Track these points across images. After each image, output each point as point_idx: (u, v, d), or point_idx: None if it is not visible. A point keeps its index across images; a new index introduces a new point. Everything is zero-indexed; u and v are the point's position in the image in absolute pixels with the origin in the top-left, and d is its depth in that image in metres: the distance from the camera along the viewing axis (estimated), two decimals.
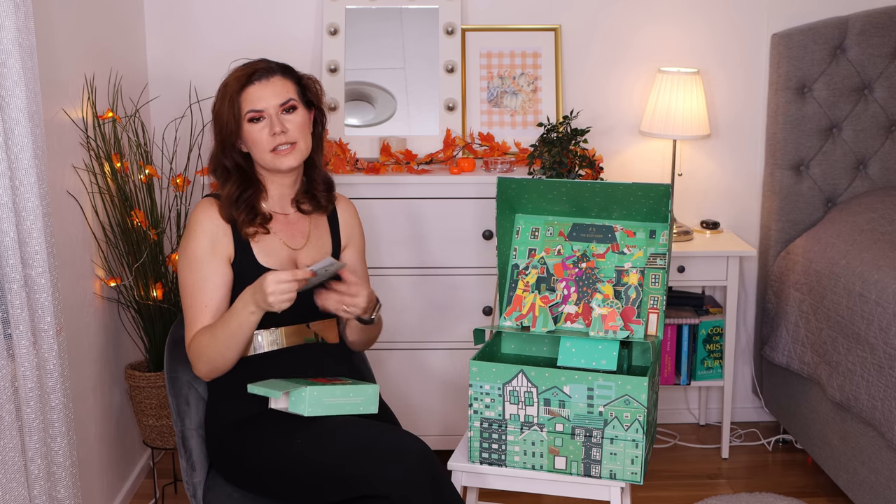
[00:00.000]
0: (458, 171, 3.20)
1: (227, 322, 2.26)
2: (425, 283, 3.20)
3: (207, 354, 2.29)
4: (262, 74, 2.33)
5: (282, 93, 2.34)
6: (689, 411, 3.83)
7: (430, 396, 3.27)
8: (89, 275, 2.88)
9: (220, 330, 2.27)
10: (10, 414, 2.07)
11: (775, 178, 3.55)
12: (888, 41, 3.48)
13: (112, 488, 3.04)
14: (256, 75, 2.33)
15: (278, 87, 2.34)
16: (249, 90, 2.32)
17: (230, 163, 2.37)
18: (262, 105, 2.32)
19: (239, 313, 2.25)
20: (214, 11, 3.47)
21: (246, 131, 2.33)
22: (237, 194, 2.35)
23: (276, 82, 2.34)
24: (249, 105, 2.32)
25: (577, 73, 3.55)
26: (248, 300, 2.23)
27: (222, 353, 2.28)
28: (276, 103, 2.33)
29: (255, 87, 2.32)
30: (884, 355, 2.76)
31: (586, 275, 2.49)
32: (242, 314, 2.24)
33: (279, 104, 2.33)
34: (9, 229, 2.06)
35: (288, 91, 2.35)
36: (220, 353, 2.28)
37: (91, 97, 2.88)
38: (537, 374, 2.32)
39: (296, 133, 2.34)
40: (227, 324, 2.26)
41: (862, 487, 2.93)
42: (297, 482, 2.19)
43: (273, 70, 2.35)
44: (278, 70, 2.36)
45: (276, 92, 2.33)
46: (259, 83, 2.32)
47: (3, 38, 2.03)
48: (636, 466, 2.31)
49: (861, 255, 3.04)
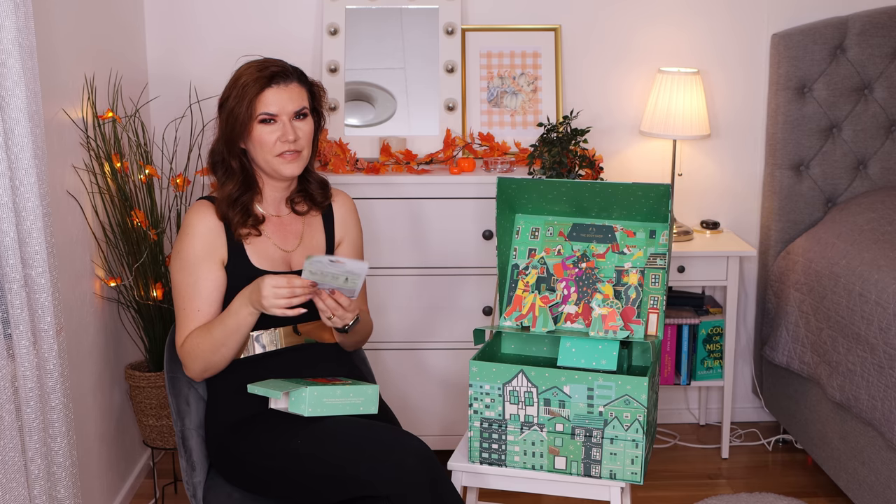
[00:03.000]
0: (458, 171, 3.20)
1: (225, 321, 2.27)
2: (425, 283, 3.20)
3: (202, 353, 2.28)
4: (282, 78, 2.33)
5: (297, 100, 2.34)
6: (689, 411, 3.83)
7: (429, 396, 3.27)
8: (89, 275, 2.88)
9: (217, 328, 2.27)
10: (10, 414, 2.07)
11: (775, 178, 3.55)
12: (888, 41, 3.48)
13: (112, 488, 3.04)
14: (277, 78, 2.32)
15: (295, 93, 2.34)
16: (267, 92, 2.31)
17: (236, 163, 2.37)
18: (277, 109, 2.32)
19: (237, 312, 2.25)
20: (214, 11, 3.47)
21: (254, 131, 2.33)
22: (237, 195, 2.35)
23: (294, 89, 2.34)
24: (265, 107, 2.31)
25: (577, 73, 3.55)
26: (246, 300, 2.24)
27: (219, 352, 2.28)
28: (291, 110, 2.33)
29: (274, 91, 2.32)
30: (884, 355, 2.76)
31: (586, 275, 2.49)
32: (241, 313, 2.25)
33: (294, 111, 2.33)
34: (9, 229, 2.06)
35: (303, 99, 2.36)
36: (217, 352, 2.28)
37: (91, 97, 2.88)
38: (537, 374, 2.32)
39: (304, 142, 2.35)
40: (224, 322, 2.27)
41: (862, 487, 2.93)
42: (297, 482, 2.19)
43: (291, 75, 2.35)
44: (296, 76, 2.36)
45: (292, 98, 2.33)
46: (278, 87, 2.32)
47: (3, 38, 2.03)
48: (636, 466, 2.31)
49: (861, 255, 3.04)
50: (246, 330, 2.27)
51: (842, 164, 3.54)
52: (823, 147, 3.53)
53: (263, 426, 2.26)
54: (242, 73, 2.34)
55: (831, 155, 3.53)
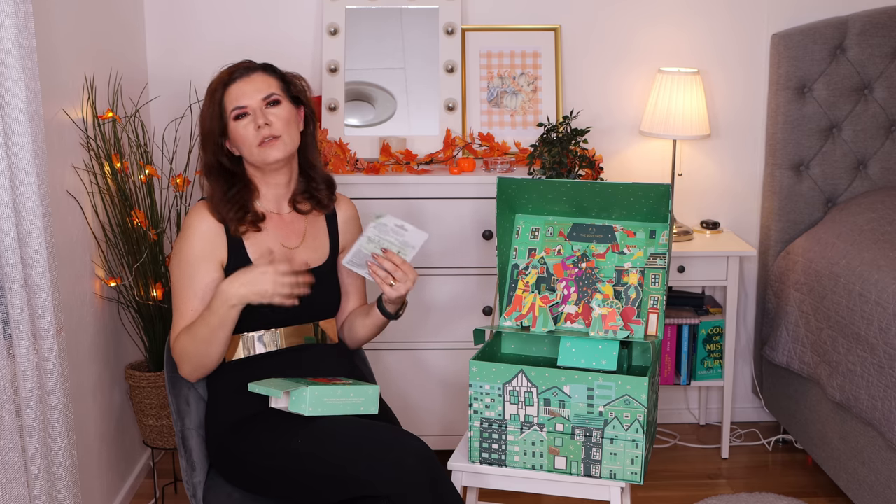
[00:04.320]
0: (458, 171, 3.20)
1: (207, 320, 2.25)
2: (425, 283, 3.20)
3: (189, 355, 2.28)
4: (242, 73, 2.36)
5: (263, 88, 2.35)
6: (689, 411, 3.83)
7: (430, 396, 3.27)
8: (89, 275, 2.88)
9: (200, 329, 2.26)
10: (10, 414, 2.07)
11: (775, 178, 3.55)
12: (888, 41, 3.48)
13: (112, 488, 3.04)
14: (237, 73, 2.36)
15: (259, 82, 2.36)
16: (231, 89, 2.34)
17: (213, 160, 2.37)
18: (245, 101, 2.33)
19: (217, 310, 2.23)
20: (215, 11, 3.47)
21: (233, 130, 2.34)
22: (223, 192, 2.35)
23: (257, 78, 2.36)
24: (233, 103, 2.33)
25: (577, 73, 3.55)
26: (231, 294, 2.22)
27: (206, 352, 2.27)
28: (258, 98, 2.34)
29: (237, 85, 2.34)
30: (884, 355, 2.76)
31: (586, 275, 2.49)
32: (222, 310, 2.23)
33: (262, 98, 2.34)
34: (9, 229, 2.06)
35: (270, 86, 2.36)
36: (203, 352, 2.27)
37: (91, 97, 2.88)
38: (537, 374, 2.32)
39: (280, 126, 2.34)
40: (206, 322, 2.25)
41: (862, 487, 2.93)
42: (297, 482, 2.19)
43: (253, 67, 2.38)
44: (259, 67, 2.39)
45: (257, 87, 2.35)
46: (240, 80, 2.35)
47: (3, 38, 2.03)
48: (636, 466, 2.31)
49: (861, 255, 3.04)
50: (230, 326, 2.25)
51: (842, 164, 3.54)
52: (823, 147, 3.53)
53: (263, 426, 2.26)
54: (212, 81, 2.39)
55: (831, 155, 3.53)
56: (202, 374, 2.33)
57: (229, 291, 2.22)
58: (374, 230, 2.30)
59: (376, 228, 2.29)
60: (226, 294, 2.22)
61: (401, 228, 2.30)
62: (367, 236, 2.31)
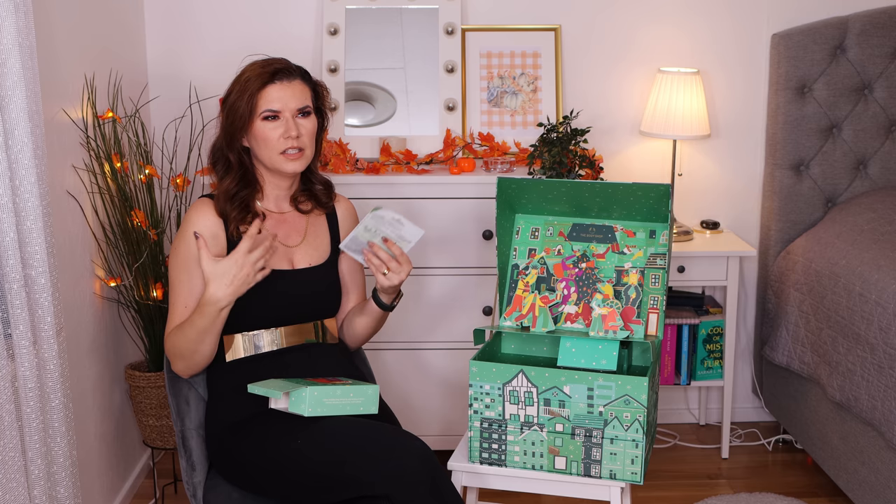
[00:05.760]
0: (458, 171, 3.20)
1: (195, 322, 2.24)
2: (425, 283, 3.20)
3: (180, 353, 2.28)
4: (284, 75, 2.33)
5: (301, 97, 2.34)
6: (689, 411, 3.83)
7: (429, 396, 3.27)
8: (89, 275, 2.88)
9: (189, 330, 2.26)
10: (10, 414, 2.07)
11: (775, 178, 3.55)
12: (888, 41, 3.48)
13: (112, 488, 3.04)
14: (279, 75, 2.32)
15: (298, 90, 2.34)
16: (270, 88, 2.32)
17: (234, 157, 2.37)
18: (280, 106, 2.32)
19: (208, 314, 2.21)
20: (214, 11, 3.47)
21: (257, 128, 2.33)
22: (235, 191, 2.35)
23: (297, 86, 2.34)
24: (268, 104, 2.31)
25: (577, 73, 3.55)
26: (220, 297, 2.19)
27: (196, 349, 2.27)
28: (294, 107, 2.33)
29: (277, 87, 2.32)
30: (884, 355, 2.76)
31: (586, 275, 2.49)
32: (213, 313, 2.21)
33: (297, 108, 2.33)
34: (9, 229, 2.06)
35: (306, 97, 2.36)
36: (194, 349, 2.27)
37: (91, 97, 2.88)
38: (537, 374, 2.32)
39: (306, 140, 2.35)
40: (194, 324, 2.24)
41: (862, 487, 2.93)
42: (297, 482, 2.19)
43: (295, 73, 2.35)
44: (299, 74, 2.37)
45: (295, 95, 2.33)
46: (281, 83, 2.32)
47: (3, 38, 2.03)
48: (636, 466, 2.31)
49: (861, 255, 3.04)
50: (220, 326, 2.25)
51: (842, 164, 3.54)
52: (823, 147, 3.53)
53: (263, 426, 2.26)
54: (246, 70, 2.35)
55: (831, 155, 3.53)
56: (195, 371, 2.33)
57: (217, 294, 2.20)
58: (372, 221, 2.31)
59: (374, 220, 2.30)
60: (214, 297, 2.20)
61: (398, 222, 2.31)
62: (364, 225, 2.32)
